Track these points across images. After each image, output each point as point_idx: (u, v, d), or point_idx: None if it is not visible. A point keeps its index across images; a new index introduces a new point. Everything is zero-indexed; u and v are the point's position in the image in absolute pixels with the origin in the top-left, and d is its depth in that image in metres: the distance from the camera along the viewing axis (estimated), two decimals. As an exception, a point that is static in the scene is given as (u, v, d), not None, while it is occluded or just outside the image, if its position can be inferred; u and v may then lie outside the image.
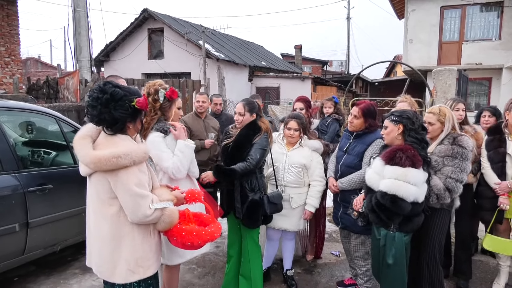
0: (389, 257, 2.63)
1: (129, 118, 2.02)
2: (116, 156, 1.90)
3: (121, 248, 2.05)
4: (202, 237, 2.18)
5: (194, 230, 2.17)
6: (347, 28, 31.55)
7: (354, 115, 3.21)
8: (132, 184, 1.95)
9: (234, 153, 3.05)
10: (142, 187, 2.00)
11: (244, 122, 3.09)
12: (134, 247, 2.06)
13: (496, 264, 4.08)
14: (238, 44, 22.26)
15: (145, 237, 2.09)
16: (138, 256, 2.07)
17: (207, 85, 9.99)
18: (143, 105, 2.02)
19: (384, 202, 2.52)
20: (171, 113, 2.72)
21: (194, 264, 4.02)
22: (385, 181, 2.54)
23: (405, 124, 2.66)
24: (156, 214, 2.02)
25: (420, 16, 14.04)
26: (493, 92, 13.54)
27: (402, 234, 2.63)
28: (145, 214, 1.98)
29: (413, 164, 2.48)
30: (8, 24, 10.42)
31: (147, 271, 2.11)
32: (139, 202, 1.96)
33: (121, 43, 17.73)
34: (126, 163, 1.92)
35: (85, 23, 8.64)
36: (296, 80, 18.37)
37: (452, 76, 6.11)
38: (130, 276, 2.07)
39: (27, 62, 28.96)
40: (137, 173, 1.99)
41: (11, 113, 3.81)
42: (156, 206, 2.01)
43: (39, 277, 3.69)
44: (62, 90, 10.91)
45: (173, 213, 2.11)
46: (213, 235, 2.23)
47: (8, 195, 3.07)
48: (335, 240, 4.75)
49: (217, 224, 2.35)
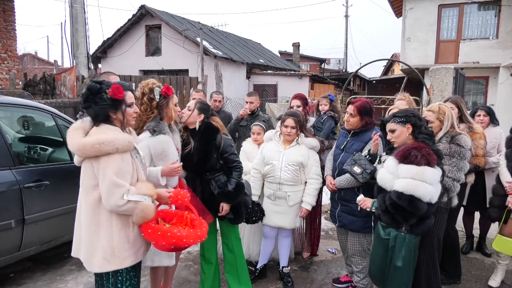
0: (398, 259, 2.56)
1: (109, 109, 2.08)
2: (100, 142, 1.97)
3: (99, 236, 2.07)
4: (167, 239, 2.08)
5: (160, 230, 2.10)
6: (345, 26, 31.59)
7: (350, 113, 3.21)
8: (110, 171, 1.99)
9: (202, 162, 2.91)
10: (121, 176, 2.02)
11: (187, 117, 2.91)
12: (111, 235, 2.07)
13: (491, 262, 4.12)
14: (236, 41, 22.21)
15: (123, 228, 2.09)
16: (115, 245, 2.07)
17: (204, 82, 9.98)
18: (114, 94, 2.06)
19: (401, 203, 2.43)
20: (169, 111, 2.70)
21: (191, 261, 4.03)
22: (400, 181, 2.46)
23: (413, 123, 2.61)
24: (129, 206, 2.01)
25: (418, 15, 14.06)
26: (490, 91, 13.59)
27: (413, 236, 2.57)
28: (116, 203, 1.99)
29: (428, 163, 2.42)
30: (5, 19, 10.37)
31: (124, 262, 2.10)
32: (112, 190, 1.99)
33: (118, 40, 17.66)
34: (109, 150, 1.98)
35: (82, 19, 8.60)
36: (294, 77, 18.37)
37: (449, 74, 6.13)
38: (106, 265, 2.07)
39: (24, 58, 28.82)
40: (119, 162, 2.02)
41: (7, 109, 3.80)
42: (130, 197, 2.01)
43: (35, 273, 3.69)
44: (59, 87, 10.88)
45: (147, 208, 2.07)
46: (181, 240, 2.11)
47: (4, 191, 3.06)
48: (331, 238, 4.77)
49: (196, 231, 2.23)
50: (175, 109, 2.74)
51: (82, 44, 8.61)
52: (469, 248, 4.42)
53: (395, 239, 2.58)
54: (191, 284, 3.58)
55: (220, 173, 3.00)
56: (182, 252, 4.18)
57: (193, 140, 2.92)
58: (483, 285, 3.67)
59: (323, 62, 32.26)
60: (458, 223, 4.03)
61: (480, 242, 4.42)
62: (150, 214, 2.08)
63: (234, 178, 3.01)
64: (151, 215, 2.10)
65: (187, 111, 2.93)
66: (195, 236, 2.16)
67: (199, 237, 2.18)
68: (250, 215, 3.41)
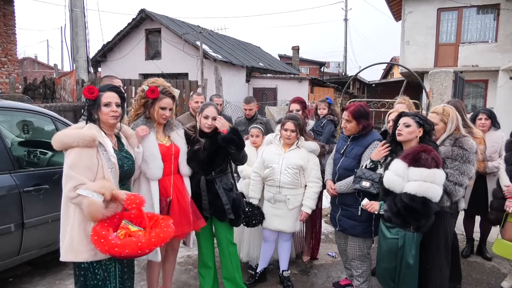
0: (409, 258, 2.64)
1: (91, 108, 2.30)
2: (62, 135, 2.17)
3: (67, 226, 2.20)
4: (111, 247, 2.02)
5: (103, 238, 2.04)
6: (345, 30, 31.67)
7: (345, 119, 3.19)
8: (68, 163, 2.14)
9: (212, 159, 2.96)
10: (76, 170, 2.12)
11: (215, 126, 2.97)
12: (73, 227, 2.18)
13: (492, 266, 4.11)
14: (235, 45, 22.26)
15: (82, 223, 2.17)
16: (74, 238, 2.16)
17: (204, 86, 9.98)
18: (85, 94, 2.26)
19: (414, 205, 2.49)
20: (153, 112, 2.73)
21: (191, 265, 4.02)
22: (412, 184, 2.52)
23: (427, 130, 2.70)
24: (79, 200, 2.08)
25: (417, 18, 14.09)
26: (489, 94, 13.61)
27: (419, 234, 2.67)
28: (68, 194, 2.11)
29: (437, 165, 2.50)
30: (5, 24, 10.38)
31: (79, 255, 2.17)
32: (66, 180, 2.13)
33: (118, 44, 17.69)
34: (70, 142, 2.13)
35: (82, 23, 8.61)
36: (294, 81, 18.40)
37: (448, 78, 6.14)
38: (65, 255, 2.20)
39: (24, 62, 28.84)
40: (77, 155, 2.13)
41: (7, 113, 3.80)
42: (79, 192, 2.08)
43: (34, 277, 3.68)
44: (58, 90, 10.89)
45: (92, 205, 2.06)
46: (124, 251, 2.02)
47: (4, 195, 3.06)
48: (332, 241, 4.76)
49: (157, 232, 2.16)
50: (159, 112, 2.73)
51: (82, 48, 8.62)
52: (469, 252, 4.41)
53: (404, 238, 2.65)
54: (191, 288, 3.57)
55: (224, 173, 3.09)
56: (182, 256, 4.18)
57: (202, 139, 2.98)
58: (484, 288, 3.66)
59: (322, 66, 32.31)
60: (458, 226, 4.02)
61: (481, 245, 4.41)
62: (95, 211, 2.07)
63: None
64: (98, 213, 2.08)
65: (212, 121, 2.94)
66: (133, 246, 2.02)
67: (139, 248, 2.03)
68: (250, 219, 3.40)
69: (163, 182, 2.78)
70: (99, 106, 2.28)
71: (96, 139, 2.19)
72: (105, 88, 2.33)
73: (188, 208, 2.83)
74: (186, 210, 2.81)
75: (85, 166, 2.13)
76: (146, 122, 2.77)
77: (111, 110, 2.28)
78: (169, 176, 2.82)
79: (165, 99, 2.74)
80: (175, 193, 2.81)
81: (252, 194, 3.58)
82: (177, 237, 2.80)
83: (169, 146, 2.84)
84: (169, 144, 2.85)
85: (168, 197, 2.77)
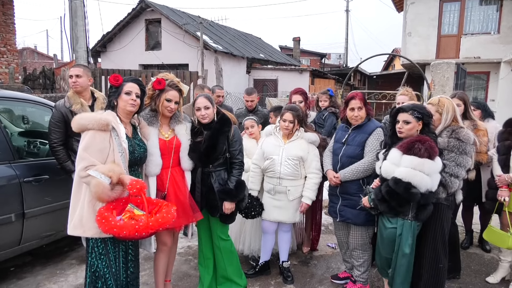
0: (405, 246, 2.69)
1: (113, 96, 2.48)
2: (80, 117, 2.34)
3: (78, 203, 2.32)
4: (130, 230, 2.14)
5: (118, 222, 2.17)
6: (346, 21, 31.44)
7: (358, 107, 3.18)
8: (82, 144, 2.29)
9: (210, 152, 2.94)
10: (89, 151, 2.26)
11: (211, 115, 2.97)
12: (83, 205, 2.30)
13: (490, 257, 4.13)
14: (236, 35, 22.14)
15: (91, 201, 2.29)
16: (84, 214, 2.29)
17: (204, 76, 9.95)
18: (112, 81, 2.46)
19: (396, 188, 2.57)
20: (159, 103, 2.76)
21: (191, 256, 4.04)
22: (401, 169, 2.59)
23: (426, 122, 2.73)
24: (88, 179, 2.22)
25: (419, 9, 13.99)
26: (491, 86, 13.56)
27: (416, 223, 2.71)
28: (79, 174, 2.25)
29: (429, 156, 2.55)
30: (4, 13, 10.30)
31: (87, 231, 2.30)
32: (78, 160, 2.27)
33: (118, 34, 17.59)
34: (86, 124, 2.29)
35: (82, 13, 8.53)
36: (294, 72, 18.33)
37: (450, 69, 6.09)
38: (73, 230, 2.32)
39: (23, 52, 28.72)
40: (91, 138, 2.28)
41: (7, 103, 3.79)
42: (89, 172, 2.21)
43: (35, 267, 3.70)
44: (58, 81, 10.86)
45: (98, 186, 2.20)
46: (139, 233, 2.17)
47: (4, 185, 3.06)
48: (331, 233, 4.77)
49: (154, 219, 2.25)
50: (164, 103, 2.76)
51: (82, 38, 8.55)
52: (468, 243, 4.43)
53: (402, 227, 2.69)
54: (191, 279, 3.58)
55: (222, 168, 3.03)
56: (182, 246, 4.19)
57: (205, 130, 2.98)
58: (482, 280, 3.68)
59: (323, 57, 32.20)
60: (458, 218, 4.03)
61: (481, 237, 4.43)
62: (101, 192, 2.20)
63: (234, 176, 3.04)
64: (103, 194, 2.21)
65: (206, 110, 2.94)
66: (130, 228, 2.14)
67: (136, 230, 2.15)
68: (249, 210, 3.40)
69: (160, 176, 2.80)
70: (120, 94, 2.47)
71: (110, 124, 2.34)
72: (129, 79, 2.54)
73: (186, 201, 2.83)
74: (183, 203, 2.81)
75: (98, 148, 2.29)
76: (151, 116, 2.79)
77: (130, 98, 2.47)
78: (166, 170, 2.82)
79: (171, 91, 2.76)
80: (172, 187, 2.82)
81: (251, 186, 3.57)
82: (173, 229, 2.84)
83: (170, 140, 2.84)
84: (170, 138, 2.85)
85: (163, 191, 2.79)
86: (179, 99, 2.83)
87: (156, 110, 2.79)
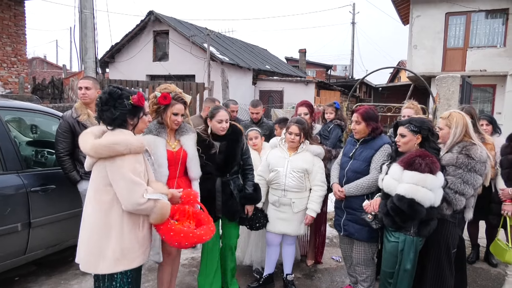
0: (407, 262, 2.68)
1: (128, 114, 2.19)
2: (113, 142, 2.05)
3: (109, 237, 2.11)
4: (189, 239, 2.23)
5: (182, 232, 2.22)
6: (352, 33, 31.55)
7: (355, 121, 3.22)
8: (127, 171, 2.05)
9: (229, 161, 3.16)
10: (137, 175, 2.09)
11: (227, 128, 3.15)
12: (122, 236, 2.12)
13: (497, 272, 4.08)
14: (242, 47, 22.30)
15: (133, 229, 2.15)
16: (125, 246, 2.12)
17: (211, 88, 10.02)
18: (137, 101, 2.20)
19: (400, 205, 2.55)
20: (166, 118, 2.80)
21: (195, 267, 4.03)
22: (403, 185, 2.57)
23: (424, 136, 2.72)
24: (149, 204, 2.08)
25: (425, 22, 14.04)
26: (497, 99, 13.50)
27: (419, 239, 2.69)
28: (138, 202, 2.05)
29: (431, 171, 2.53)
30: (15, 24, 10.49)
31: (132, 263, 2.17)
32: (133, 188, 2.05)
33: (126, 45, 17.79)
34: (122, 150, 2.05)
35: (91, 24, 8.67)
36: (300, 84, 18.38)
37: (455, 83, 6.09)
38: (115, 266, 2.12)
39: (33, 62, 29.13)
40: (133, 162, 2.10)
41: (16, 113, 3.85)
42: (150, 196, 2.08)
43: (39, 277, 3.71)
44: (67, 91, 10.99)
45: (165, 207, 2.16)
46: (202, 238, 2.30)
47: (11, 194, 3.09)
48: (336, 245, 4.74)
49: (209, 227, 2.40)
50: (171, 118, 2.80)
51: (91, 49, 8.68)
52: (475, 258, 4.38)
53: (404, 242, 2.68)
54: (195, 290, 3.57)
55: (237, 175, 3.27)
56: (186, 258, 4.19)
57: (216, 142, 3.11)
58: (489, 296, 3.63)
59: (329, 69, 32.25)
60: (464, 232, 3.98)
61: (487, 252, 4.38)
62: (167, 212, 2.18)
63: (250, 180, 3.33)
64: (168, 213, 2.18)
65: (225, 124, 3.11)
66: (209, 231, 2.35)
67: (212, 232, 2.38)
68: (253, 221, 3.41)
69: None
70: (142, 114, 2.30)
71: (144, 146, 2.25)
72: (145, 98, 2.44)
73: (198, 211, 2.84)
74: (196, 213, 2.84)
75: (141, 171, 2.16)
76: (159, 127, 2.84)
77: (148, 119, 2.45)
78: (173, 180, 2.84)
79: (177, 105, 2.80)
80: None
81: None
82: None
83: (177, 151, 2.88)
84: (177, 149, 2.89)
85: None
86: (184, 111, 2.88)
87: (162, 122, 2.84)
